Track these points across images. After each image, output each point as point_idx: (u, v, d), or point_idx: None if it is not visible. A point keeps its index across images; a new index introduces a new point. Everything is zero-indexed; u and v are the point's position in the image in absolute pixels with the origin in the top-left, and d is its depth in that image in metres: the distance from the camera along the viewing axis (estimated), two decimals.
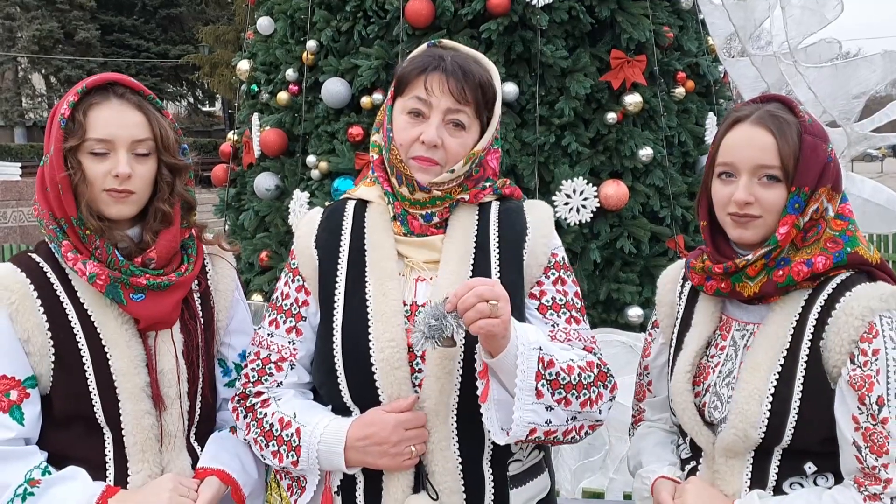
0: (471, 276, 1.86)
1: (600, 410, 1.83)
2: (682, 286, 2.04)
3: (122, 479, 1.87)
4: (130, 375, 1.87)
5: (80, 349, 1.85)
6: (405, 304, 1.87)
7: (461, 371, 1.81)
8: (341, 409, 1.87)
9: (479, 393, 1.75)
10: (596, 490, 3.32)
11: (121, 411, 1.86)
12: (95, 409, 1.85)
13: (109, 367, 1.86)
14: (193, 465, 1.97)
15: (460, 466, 1.83)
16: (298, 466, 1.83)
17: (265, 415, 1.88)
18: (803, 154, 1.75)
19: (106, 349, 1.86)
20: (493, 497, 1.87)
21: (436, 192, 1.90)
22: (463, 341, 1.77)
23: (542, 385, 1.71)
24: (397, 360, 1.80)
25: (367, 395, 1.82)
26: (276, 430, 1.85)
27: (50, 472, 1.81)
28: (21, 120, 36.98)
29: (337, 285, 1.89)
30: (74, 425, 1.88)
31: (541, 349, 1.73)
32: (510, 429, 1.71)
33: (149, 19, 37.80)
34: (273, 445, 1.85)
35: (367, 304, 1.85)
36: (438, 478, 1.82)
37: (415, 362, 1.82)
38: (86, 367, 1.85)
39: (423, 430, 1.80)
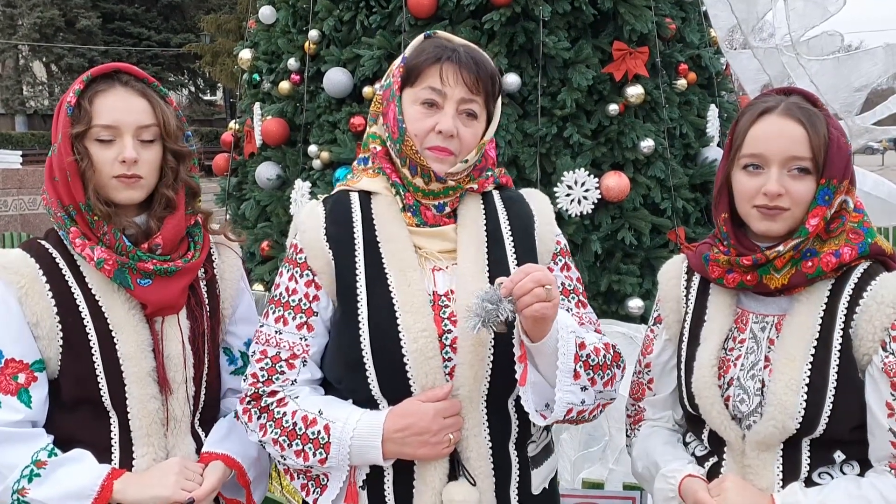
0: (487, 264, 1.89)
1: (615, 389, 1.89)
2: (689, 280, 2.02)
3: (126, 463, 1.90)
4: (137, 359, 1.88)
5: (88, 333, 1.87)
6: (428, 295, 1.87)
7: (492, 357, 1.83)
8: (367, 402, 1.84)
9: (517, 377, 1.78)
10: (595, 480, 3.32)
11: (127, 395, 1.88)
12: (102, 392, 1.87)
13: (116, 352, 1.88)
14: (197, 451, 1.99)
15: (490, 451, 1.85)
16: (326, 464, 1.80)
17: (284, 414, 1.84)
18: (831, 146, 1.76)
19: (113, 333, 1.88)
20: (518, 478, 1.90)
21: (450, 182, 1.91)
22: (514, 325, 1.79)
23: (580, 367, 1.76)
24: (430, 349, 1.80)
25: (397, 387, 1.81)
26: (300, 429, 1.81)
27: (56, 454, 1.84)
28: (22, 108, 36.96)
29: (357, 278, 1.87)
30: (81, 409, 1.90)
31: (575, 332, 1.78)
32: (543, 410, 1.77)
33: (150, 7, 37.77)
34: (297, 445, 1.81)
35: (392, 295, 1.84)
36: (473, 463, 1.84)
37: (444, 351, 1.82)
38: (93, 351, 1.87)
39: (458, 418, 1.81)
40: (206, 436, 2.02)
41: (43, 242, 1.94)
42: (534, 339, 1.74)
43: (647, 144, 4.67)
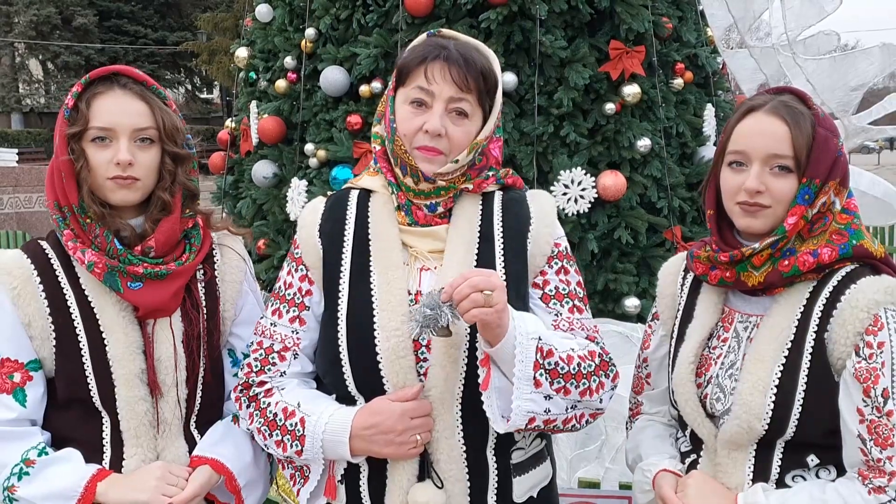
0: (475, 266, 1.87)
1: (601, 399, 1.83)
2: (684, 278, 2.03)
3: (117, 463, 1.90)
4: (126, 361, 1.89)
5: (78, 334, 1.88)
6: (410, 294, 1.87)
7: (466, 360, 1.82)
8: (346, 398, 1.87)
9: (480, 381, 1.76)
10: (592, 480, 3.33)
11: (116, 396, 1.89)
12: (92, 393, 1.88)
13: (106, 353, 1.88)
14: (191, 453, 1.98)
15: (465, 455, 1.84)
16: (302, 456, 1.83)
17: (268, 404, 1.88)
18: (816, 146, 1.75)
19: (104, 335, 1.89)
20: (496, 485, 1.88)
21: (440, 183, 1.90)
22: (466, 330, 1.79)
23: (541, 374, 1.72)
24: (402, 349, 1.80)
25: (371, 384, 1.83)
26: (280, 420, 1.85)
27: (47, 453, 1.85)
28: (18, 106, 36.91)
29: (342, 275, 1.89)
30: (75, 408, 1.91)
31: (539, 339, 1.73)
32: (510, 417, 1.73)
33: (147, 5, 37.66)
34: (277, 435, 1.85)
35: (372, 293, 1.85)
36: (443, 466, 1.83)
37: (420, 352, 1.83)
38: (83, 352, 1.88)
39: (428, 419, 1.81)
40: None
41: (42, 243, 1.96)
42: (491, 344, 1.72)
43: (643, 143, 4.67)
